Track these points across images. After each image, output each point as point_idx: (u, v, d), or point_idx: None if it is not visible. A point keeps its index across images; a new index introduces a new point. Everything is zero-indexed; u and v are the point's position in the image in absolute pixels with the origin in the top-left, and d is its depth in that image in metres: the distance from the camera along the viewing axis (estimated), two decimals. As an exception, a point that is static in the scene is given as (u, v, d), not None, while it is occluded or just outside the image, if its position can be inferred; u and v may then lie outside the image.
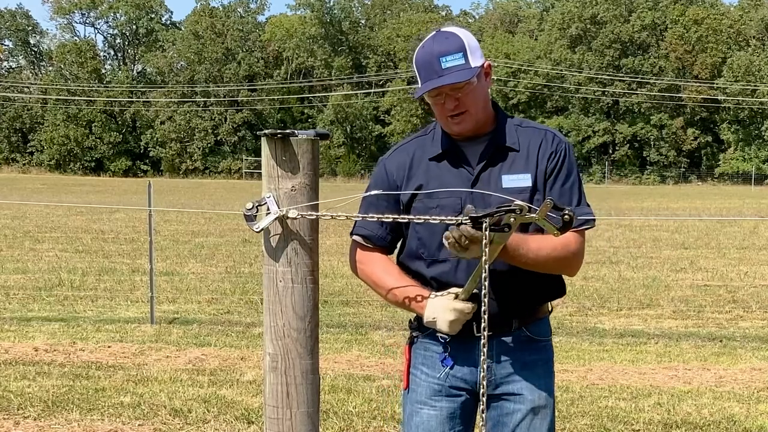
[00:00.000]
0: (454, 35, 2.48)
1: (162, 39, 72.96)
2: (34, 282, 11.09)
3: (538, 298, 2.62)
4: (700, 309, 9.73)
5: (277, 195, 2.02)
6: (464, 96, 2.47)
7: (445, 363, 2.60)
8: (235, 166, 67.31)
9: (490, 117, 2.59)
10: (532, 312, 2.62)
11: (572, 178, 2.55)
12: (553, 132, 2.61)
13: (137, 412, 5.49)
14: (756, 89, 62.53)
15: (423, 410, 2.63)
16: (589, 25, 67.25)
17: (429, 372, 2.64)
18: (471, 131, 2.54)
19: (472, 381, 2.59)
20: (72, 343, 7.53)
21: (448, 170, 2.56)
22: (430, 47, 2.48)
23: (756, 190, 51.88)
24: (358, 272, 2.70)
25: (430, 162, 2.58)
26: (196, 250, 14.75)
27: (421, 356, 2.66)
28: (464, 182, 2.52)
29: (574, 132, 65.29)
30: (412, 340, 2.70)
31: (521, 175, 2.51)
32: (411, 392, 2.68)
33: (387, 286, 2.59)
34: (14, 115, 70.39)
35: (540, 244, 2.44)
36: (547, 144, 2.55)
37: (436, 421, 2.62)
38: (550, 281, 2.62)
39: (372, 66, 72.30)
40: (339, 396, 5.87)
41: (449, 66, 2.44)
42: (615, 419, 5.43)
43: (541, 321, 2.65)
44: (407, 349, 2.71)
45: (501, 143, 2.55)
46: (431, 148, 2.60)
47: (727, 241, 17.23)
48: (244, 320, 8.86)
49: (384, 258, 2.66)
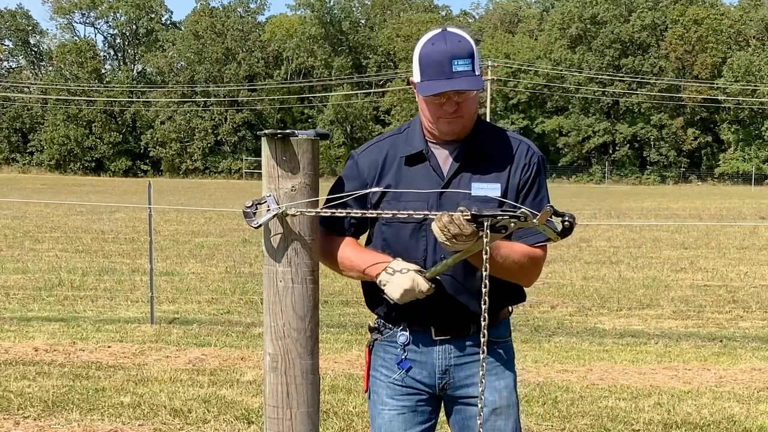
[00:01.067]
0: (465, 39, 2.48)
1: (162, 39, 72.95)
2: (34, 282, 11.09)
3: (498, 304, 2.59)
4: (700, 309, 9.73)
5: (277, 195, 2.02)
6: (464, 102, 2.49)
7: (402, 365, 2.61)
8: (235, 166, 67.30)
9: (472, 124, 2.59)
10: (491, 317, 2.59)
11: (542, 192, 2.57)
12: (528, 143, 2.61)
13: (137, 412, 5.49)
14: (756, 89, 62.54)
15: (384, 411, 2.65)
16: (589, 25, 67.26)
17: (387, 374, 2.65)
18: (456, 134, 2.54)
19: (431, 384, 2.61)
20: (72, 343, 7.53)
21: (419, 172, 2.56)
22: (442, 47, 2.45)
23: (756, 190, 51.89)
24: (322, 257, 2.58)
25: (402, 163, 2.58)
26: (196, 250, 14.75)
27: (380, 359, 2.67)
28: (434, 185, 2.52)
29: (574, 132, 65.31)
30: (371, 343, 2.70)
31: (491, 185, 2.51)
32: (372, 394, 2.70)
33: (347, 255, 2.56)
34: (14, 115, 70.38)
35: (509, 251, 2.46)
36: (521, 156, 2.55)
37: (398, 421, 2.63)
38: (510, 288, 2.61)
39: (372, 66, 72.31)
40: (339, 396, 5.87)
41: (460, 70, 2.43)
42: (615, 419, 5.43)
43: (500, 324, 2.65)
44: (367, 352, 2.72)
45: (474, 149, 2.55)
46: (405, 147, 2.59)
47: (727, 242, 17.23)
48: (244, 320, 8.86)
49: (349, 239, 2.62)
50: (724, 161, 65.42)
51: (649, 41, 67.67)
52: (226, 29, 70.20)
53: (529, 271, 2.55)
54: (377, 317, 2.68)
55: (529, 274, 2.57)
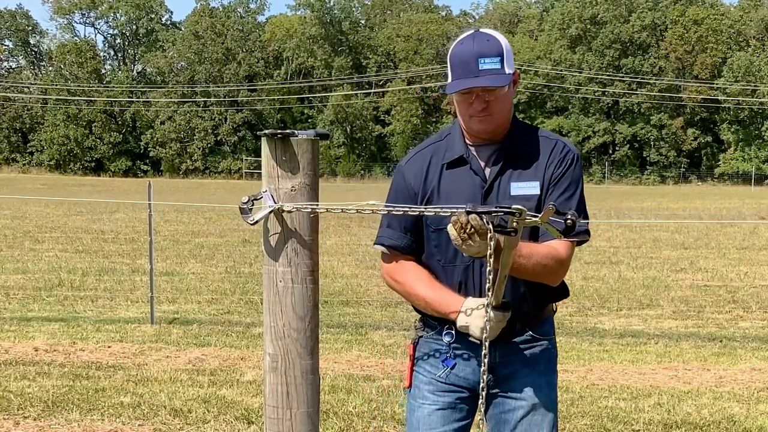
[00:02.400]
0: (494, 39, 2.52)
1: (162, 39, 72.94)
2: (34, 282, 11.09)
3: (542, 302, 2.65)
4: (700, 309, 9.73)
5: (277, 195, 2.02)
6: (495, 101, 2.51)
7: (447, 363, 2.64)
8: (235, 167, 67.29)
9: (508, 124, 2.62)
10: (536, 315, 2.65)
11: (573, 188, 2.58)
12: (564, 141, 2.64)
13: (137, 412, 5.49)
14: (756, 89, 62.53)
15: (424, 405, 2.67)
16: (589, 26, 67.24)
17: (431, 370, 2.67)
18: (489, 134, 2.58)
19: (474, 381, 2.62)
20: (72, 343, 7.53)
21: (461, 177, 2.60)
22: (470, 46, 2.50)
23: (756, 190, 51.89)
24: (390, 282, 2.71)
25: (444, 168, 2.62)
26: (196, 250, 14.75)
27: (424, 355, 2.70)
28: (477, 189, 2.56)
29: (574, 132, 65.27)
30: (416, 339, 2.74)
31: (530, 183, 2.55)
32: (413, 389, 2.72)
33: (420, 293, 2.61)
34: (14, 115, 70.37)
35: (531, 251, 2.47)
36: (556, 152, 2.58)
37: (437, 416, 2.65)
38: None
39: (372, 66, 72.28)
40: (339, 396, 5.87)
41: (486, 68, 2.47)
42: (615, 419, 5.43)
43: (544, 321, 2.68)
44: (411, 348, 2.74)
45: (512, 150, 2.58)
46: (447, 153, 2.64)
47: (727, 242, 17.23)
48: (244, 320, 8.86)
49: (414, 266, 2.67)
50: (724, 161, 65.42)
51: (649, 41, 67.66)
52: (226, 29, 70.20)
53: (555, 269, 2.54)
54: (423, 315, 2.71)
55: (557, 272, 2.56)
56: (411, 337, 2.78)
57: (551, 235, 2.43)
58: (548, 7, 74.57)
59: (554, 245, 2.50)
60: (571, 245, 2.55)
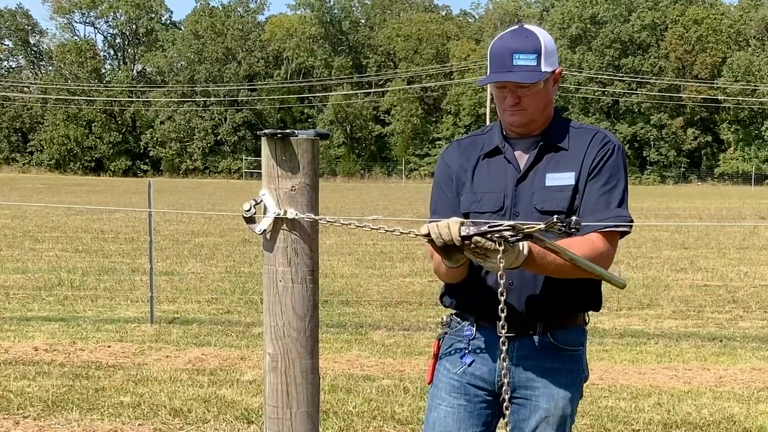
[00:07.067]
0: (533, 35, 2.51)
1: (162, 39, 72.99)
2: (34, 282, 11.08)
3: (568, 306, 2.58)
4: (700, 309, 9.73)
5: (277, 195, 2.02)
6: (526, 96, 2.50)
7: (464, 360, 2.62)
8: (235, 166, 67.32)
9: (547, 120, 2.60)
10: (559, 318, 2.58)
11: (614, 180, 2.50)
12: (605, 132, 2.59)
13: (137, 412, 5.49)
14: (756, 89, 62.57)
15: (441, 406, 2.66)
16: (589, 25, 67.27)
17: (450, 368, 2.66)
18: (523, 127, 2.56)
19: (491, 380, 2.59)
20: (72, 343, 7.53)
21: (495, 166, 2.60)
22: (508, 41, 2.51)
23: (756, 190, 51.89)
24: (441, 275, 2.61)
25: (481, 159, 2.63)
26: (196, 250, 14.75)
27: (446, 352, 2.70)
28: (511, 178, 2.55)
29: (574, 132, 65.24)
30: (441, 336, 2.74)
31: (565, 174, 2.50)
32: (433, 387, 2.71)
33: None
34: (14, 115, 70.40)
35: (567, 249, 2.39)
36: (595, 143, 2.53)
37: (452, 419, 2.63)
38: (583, 291, 2.58)
39: (372, 66, 72.32)
40: (339, 396, 5.87)
41: (520, 64, 2.46)
42: (615, 419, 5.42)
43: (570, 330, 2.60)
44: (436, 344, 2.74)
45: (549, 142, 2.56)
46: (486, 145, 2.65)
47: (726, 242, 17.23)
48: (244, 320, 8.86)
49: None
50: (724, 161, 65.45)
51: (649, 41, 67.68)
52: (226, 29, 70.22)
53: (597, 263, 2.38)
54: (450, 312, 2.72)
55: (601, 265, 2.39)
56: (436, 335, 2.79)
57: (592, 227, 2.42)
58: (548, 7, 74.59)
59: (591, 238, 2.43)
60: (606, 237, 2.44)
